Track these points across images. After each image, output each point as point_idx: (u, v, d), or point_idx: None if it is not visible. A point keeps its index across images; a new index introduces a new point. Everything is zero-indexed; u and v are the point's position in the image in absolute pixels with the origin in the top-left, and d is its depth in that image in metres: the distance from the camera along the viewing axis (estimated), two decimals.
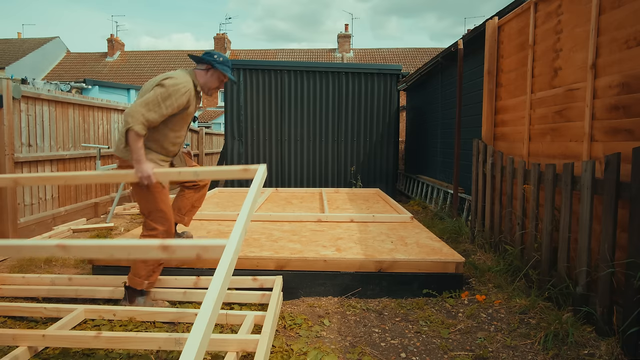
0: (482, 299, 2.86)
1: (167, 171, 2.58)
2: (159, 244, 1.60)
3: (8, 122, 4.28)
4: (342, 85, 7.81)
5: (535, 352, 2.21)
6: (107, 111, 6.40)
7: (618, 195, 2.24)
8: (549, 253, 2.84)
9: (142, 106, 2.48)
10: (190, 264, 3.01)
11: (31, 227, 4.67)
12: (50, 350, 2.16)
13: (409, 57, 27.16)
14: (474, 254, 3.87)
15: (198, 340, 1.24)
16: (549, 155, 3.18)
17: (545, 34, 3.29)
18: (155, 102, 2.50)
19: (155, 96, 2.51)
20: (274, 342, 2.25)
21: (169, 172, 2.58)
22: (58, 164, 5.23)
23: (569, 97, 2.95)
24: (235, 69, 7.69)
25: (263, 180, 2.18)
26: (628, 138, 2.37)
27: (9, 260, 3.83)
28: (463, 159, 5.63)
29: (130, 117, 2.45)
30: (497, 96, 4.17)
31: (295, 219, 4.29)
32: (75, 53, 29.16)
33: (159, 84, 2.56)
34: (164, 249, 1.60)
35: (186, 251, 1.61)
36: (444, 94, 6.91)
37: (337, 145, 7.91)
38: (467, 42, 5.47)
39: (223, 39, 28.83)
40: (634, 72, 2.34)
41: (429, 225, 4.92)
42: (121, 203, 6.55)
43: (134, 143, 2.46)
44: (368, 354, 2.20)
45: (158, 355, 2.11)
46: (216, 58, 2.76)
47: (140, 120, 2.46)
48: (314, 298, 2.92)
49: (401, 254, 3.06)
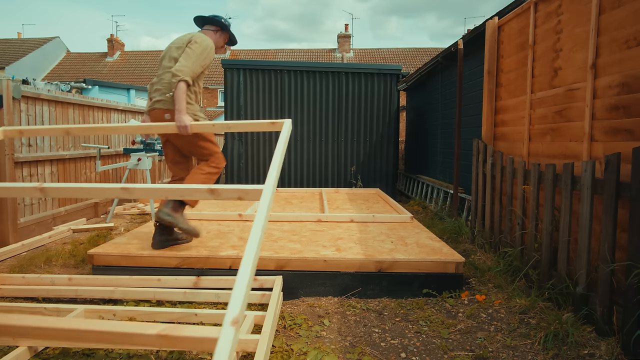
0: (482, 299, 2.86)
1: (202, 124, 2.84)
2: (207, 188, 1.90)
3: (8, 122, 4.28)
4: (342, 85, 7.81)
5: (535, 352, 2.21)
6: (107, 111, 6.41)
7: (618, 195, 2.24)
8: (549, 253, 2.84)
9: (186, 60, 2.88)
10: (190, 264, 3.01)
11: (31, 227, 4.67)
12: (50, 350, 2.16)
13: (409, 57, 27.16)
14: (474, 254, 3.87)
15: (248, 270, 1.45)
16: (549, 155, 3.18)
17: (545, 34, 3.29)
18: (195, 56, 2.92)
19: (194, 51, 2.93)
20: (274, 342, 2.25)
21: (203, 124, 2.85)
22: (58, 164, 5.23)
23: (569, 97, 2.95)
24: (235, 69, 7.70)
25: (289, 133, 2.44)
26: (628, 138, 2.37)
27: (9, 260, 3.84)
28: (463, 159, 5.63)
29: (180, 72, 2.84)
30: (497, 96, 4.17)
31: (295, 219, 4.28)
32: (75, 53, 29.16)
33: (192, 42, 2.97)
34: (211, 192, 1.90)
35: (230, 194, 1.90)
36: (444, 94, 6.91)
37: (337, 145, 7.91)
38: (467, 42, 5.47)
39: None
40: (634, 72, 2.34)
41: (429, 225, 4.92)
42: (121, 203, 6.55)
43: (181, 94, 2.81)
44: (368, 354, 2.20)
45: (158, 355, 2.11)
46: (224, 22, 3.17)
47: (188, 72, 2.86)
48: (314, 298, 2.92)
49: (401, 254, 3.07)
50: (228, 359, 1.06)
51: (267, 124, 2.62)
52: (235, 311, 1.19)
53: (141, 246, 3.23)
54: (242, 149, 7.78)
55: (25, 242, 4.20)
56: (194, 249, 3.17)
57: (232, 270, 2.99)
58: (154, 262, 3.03)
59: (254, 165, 7.85)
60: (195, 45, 2.96)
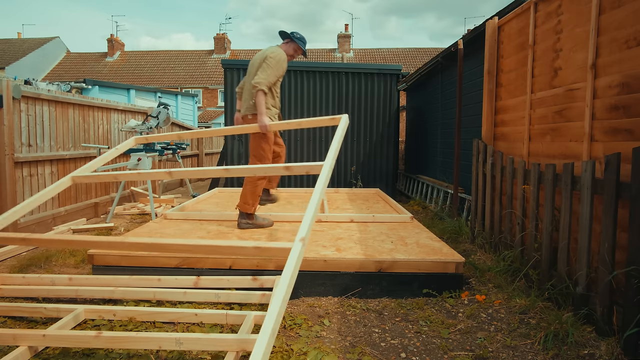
0: (482, 299, 2.86)
1: (278, 123, 3.67)
2: (283, 165, 2.67)
3: (8, 122, 4.28)
4: (342, 85, 7.81)
5: (535, 352, 2.21)
6: (107, 111, 6.41)
7: (618, 195, 2.24)
8: (549, 253, 2.84)
9: (262, 73, 3.63)
10: (190, 264, 3.01)
11: (31, 227, 4.67)
12: (50, 350, 2.16)
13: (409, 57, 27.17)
14: (474, 254, 3.87)
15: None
16: (549, 155, 3.18)
17: (545, 34, 3.29)
18: (270, 69, 3.64)
19: (269, 65, 3.65)
20: (274, 342, 2.25)
21: (279, 123, 3.67)
22: (58, 164, 5.24)
23: (569, 97, 2.95)
24: (235, 69, 7.70)
25: (346, 125, 3.06)
26: (628, 138, 2.37)
27: (9, 260, 3.84)
28: (463, 159, 5.63)
29: (258, 83, 3.58)
30: (497, 96, 4.17)
31: (296, 219, 4.28)
32: (75, 53, 29.17)
33: (268, 57, 3.67)
34: (287, 169, 2.66)
35: (300, 169, 2.64)
36: (444, 94, 6.91)
37: None
38: (467, 42, 5.47)
39: (223, 39, 28.84)
40: (634, 72, 2.34)
41: (429, 225, 4.92)
42: (121, 203, 6.55)
43: (260, 100, 3.60)
44: (368, 354, 2.21)
45: (158, 355, 2.11)
46: (293, 34, 3.92)
47: (265, 83, 3.60)
48: (314, 298, 2.92)
49: (401, 254, 3.07)
50: (295, 263, 1.77)
51: (328, 119, 3.40)
52: (303, 233, 1.93)
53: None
54: (242, 149, 7.78)
55: None
56: None
57: (232, 270, 2.99)
58: (154, 262, 3.03)
59: None
60: (270, 59, 3.66)
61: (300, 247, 1.84)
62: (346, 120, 3.10)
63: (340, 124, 3.06)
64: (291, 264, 1.76)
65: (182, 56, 29.26)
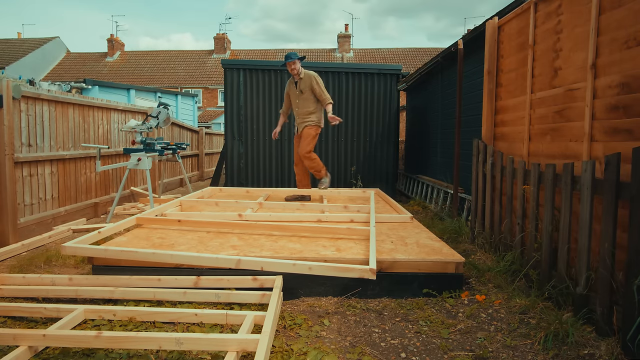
0: (482, 299, 2.86)
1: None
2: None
3: (8, 122, 4.28)
4: (342, 85, 7.81)
5: (535, 352, 2.21)
6: (107, 111, 6.41)
7: (618, 195, 2.24)
8: (549, 253, 2.84)
9: (322, 91, 5.32)
10: (190, 264, 3.01)
11: (31, 227, 4.67)
12: (50, 350, 2.16)
13: (408, 57, 27.17)
14: (474, 254, 3.87)
15: None
16: (549, 155, 3.18)
17: (545, 34, 3.29)
18: (323, 86, 5.37)
19: (320, 83, 5.34)
20: (274, 342, 2.25)
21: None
22: (58, 164, 5.23)
23: (569, 97, 2.95)
24: (235, 69, 7.70)
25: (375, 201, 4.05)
26: (628, 138, 2.37)
27: (9, 260, 3.84)
28: (463, 159, 5.63)
29: (327, 99, 5.32)
30: (497, 96, 4.17)
31: (296, 219, 4.28)
32: (75, 53, 29.17)
33: (314, 80, 5.31)
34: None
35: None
36: (444, 94, 6.91)
37: (337, 145, 7.91)
38: (467, 42, 5.47)
39: (223, 39, 28.84)
40: (634, 72, 2.34)
41: (429, 225, 4.92)
42: (121, 203, 6.55)
43: (330, 108, 5.30)
44: (368, 354, 2.21)
45: (158, 355, 2.11)
46: (296, 55, 5.30)
47: (329, 97, 5.36)
48: (314, 298, 2.92)
49: (401, 254, 3.07)
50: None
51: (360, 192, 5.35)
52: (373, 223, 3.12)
53: (141, 246, 3.23)
54: (242, 149, 7.78)
55: (25, 242, 4.20)
56: (194, 249, 3.17)
57: (232, 270, 2.99)
58: (154, 262, 3.03)
59: (254, 166, 7.85)
60: (319, 79, 5.35)
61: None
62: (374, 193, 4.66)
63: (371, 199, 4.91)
64: None
65: (182, 56, 29.27)
